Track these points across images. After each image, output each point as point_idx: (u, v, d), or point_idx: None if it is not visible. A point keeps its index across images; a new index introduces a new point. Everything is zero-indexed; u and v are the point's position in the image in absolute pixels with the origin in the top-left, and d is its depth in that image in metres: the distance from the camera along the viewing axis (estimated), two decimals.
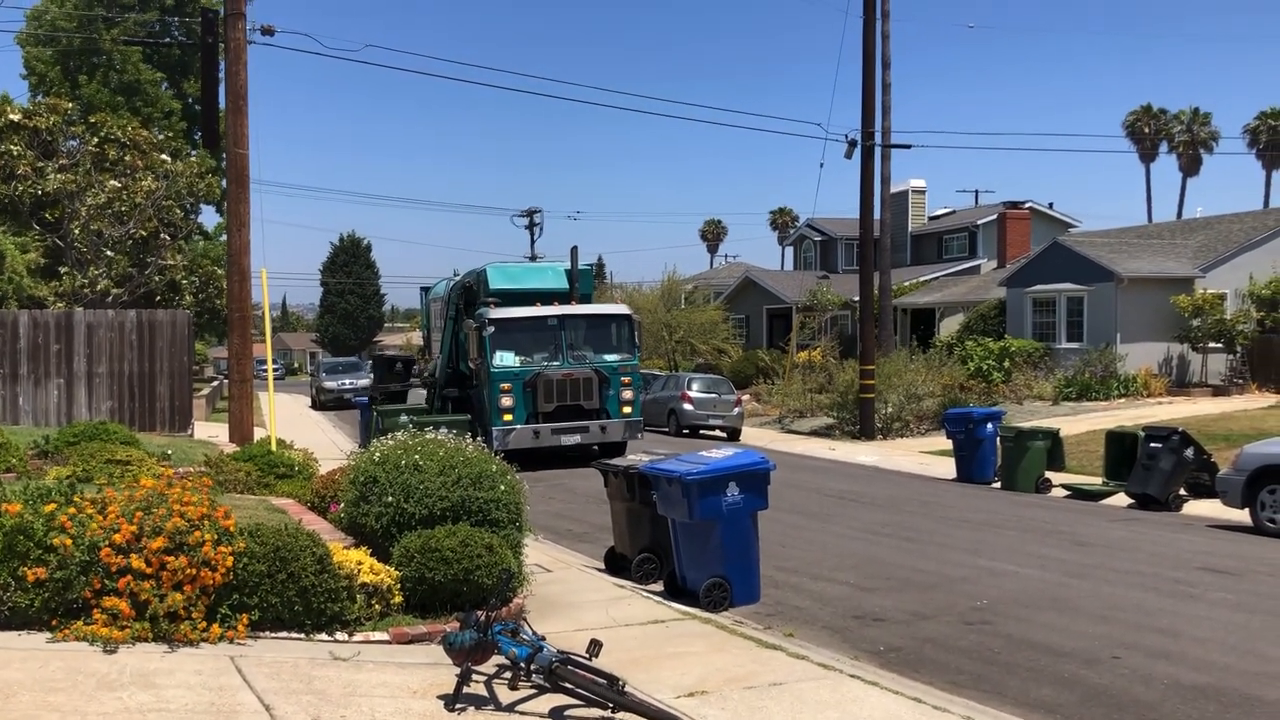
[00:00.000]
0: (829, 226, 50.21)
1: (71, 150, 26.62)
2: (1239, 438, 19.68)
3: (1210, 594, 10.19)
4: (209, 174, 30.51)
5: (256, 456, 13.36)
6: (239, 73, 17.13)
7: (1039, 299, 32.64)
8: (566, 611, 8.78)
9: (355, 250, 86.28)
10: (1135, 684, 7.42)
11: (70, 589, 6.43)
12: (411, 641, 7.23)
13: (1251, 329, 30.19)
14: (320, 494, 10.92)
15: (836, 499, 17.03)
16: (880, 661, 7.95)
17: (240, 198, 17.12)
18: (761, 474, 9.42)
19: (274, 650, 6.60)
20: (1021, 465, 18.08)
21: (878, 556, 12.04)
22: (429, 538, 7.85)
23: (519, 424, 20.05)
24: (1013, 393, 29.36)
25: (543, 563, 10.69)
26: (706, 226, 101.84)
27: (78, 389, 19.12)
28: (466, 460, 8.74)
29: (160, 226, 27.63)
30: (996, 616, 9.27)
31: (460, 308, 22.71)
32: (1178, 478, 16.17)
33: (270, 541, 6.95)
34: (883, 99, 30.80)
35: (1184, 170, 69.74)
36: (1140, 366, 30.00)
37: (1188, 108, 69.16)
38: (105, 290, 26.00)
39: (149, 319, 20.00)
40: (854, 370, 28.21)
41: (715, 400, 28.51)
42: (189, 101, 41.54)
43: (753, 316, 46.87)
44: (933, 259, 46.36)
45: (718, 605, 9.14)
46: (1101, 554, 12.26)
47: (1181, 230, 36.75)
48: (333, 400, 40.97)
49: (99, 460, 11.45)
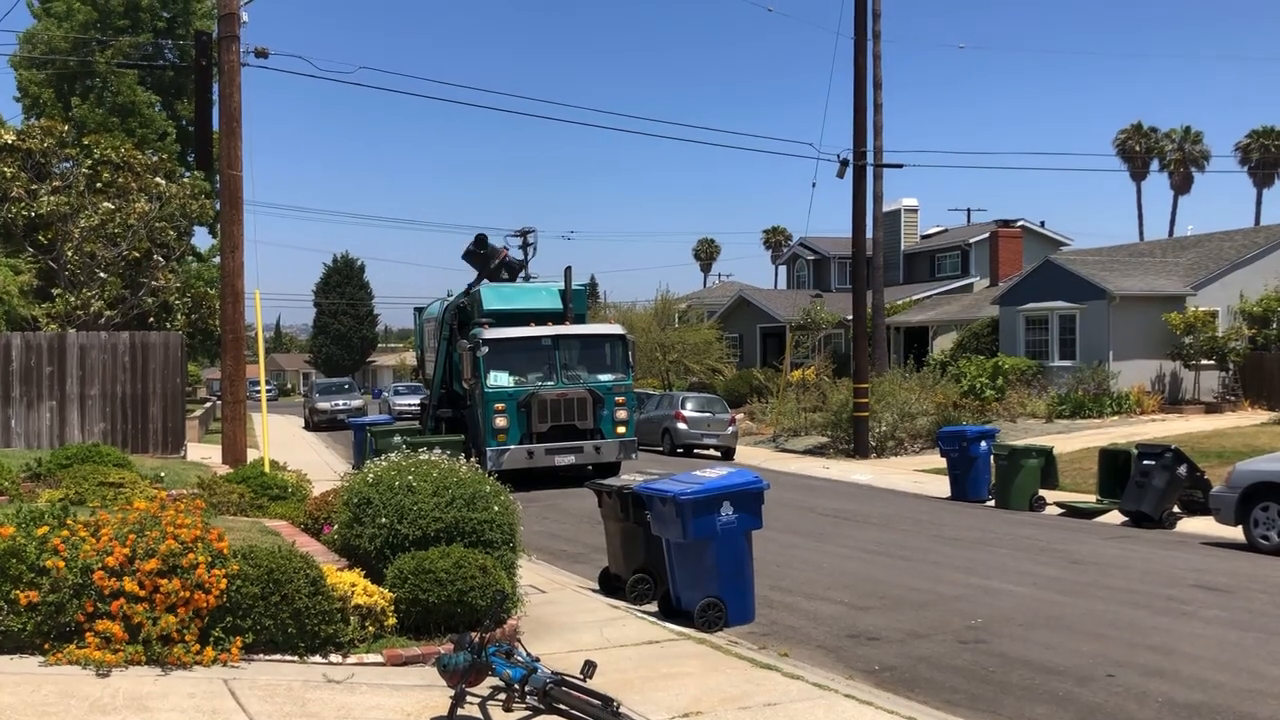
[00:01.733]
0: (822, 245, 50.36)
1: (65, 172, 26.65)
2: (1232, 455, 19.72)
3: (1204, 611, 10.20)
4: (202, 195, 30.54)
5: (250, 478, 13.33)
6: (233, 95, 17.16)
7: (1032, 317, 32.73)
8: (561, 632, 8.77)
9: (349, 271, 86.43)
10: (1129, 702, 7.43)
11: (63, 612, 6.42)
12: (405, 663, 7.21)
13: (1243, 346, 30.29)
14: (314, 515, 10.91)
15: (831, 518, 17.02)
16: (875, 681, 7.94)
17: (234, 219, 17.13)
18: (755, 493, 9.43)
19: (268, 673, 6.58)
20: (1015, 483, 18.10)
21: (872, 575, 12.03)
22: (423, 559, 7.84)
23: (513, 444, 20.07)
24: (1006, 411, 29.40)
25: (537, 584, 10.68)
26: (700, 245, 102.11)
27: (70, 411, 19.08)
28: (460, 481, 8.73)
29: (153, 248, 27.65)
30: (991, 635, 9.26)
31: (454, 328, 22.72)
32: (1171, 495, 16.19)
33: (264, 564, 6.94)
34: (874, 119, 30.99)
35: (1175, 188, 70.16)
36: (1133, 384, 30.07)
37: (1179, 126, 69.61)
38: (98, 312, 25.97)
39: (142, 341, 19.99)
40: (848, 389, 28.25)
41: (709, 419, 28.50)
42: (183, 123, 41.55)
43: (746, 335, 46.95)
44: (925, 277, 46.51)
45: (712, 625, 9.13)
46: (1095, 572, 12.26)
47: (1173, 248, 36.90)
48: (326, 421, 40.96)
49: (92, 483, 11.43)
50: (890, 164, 31.45)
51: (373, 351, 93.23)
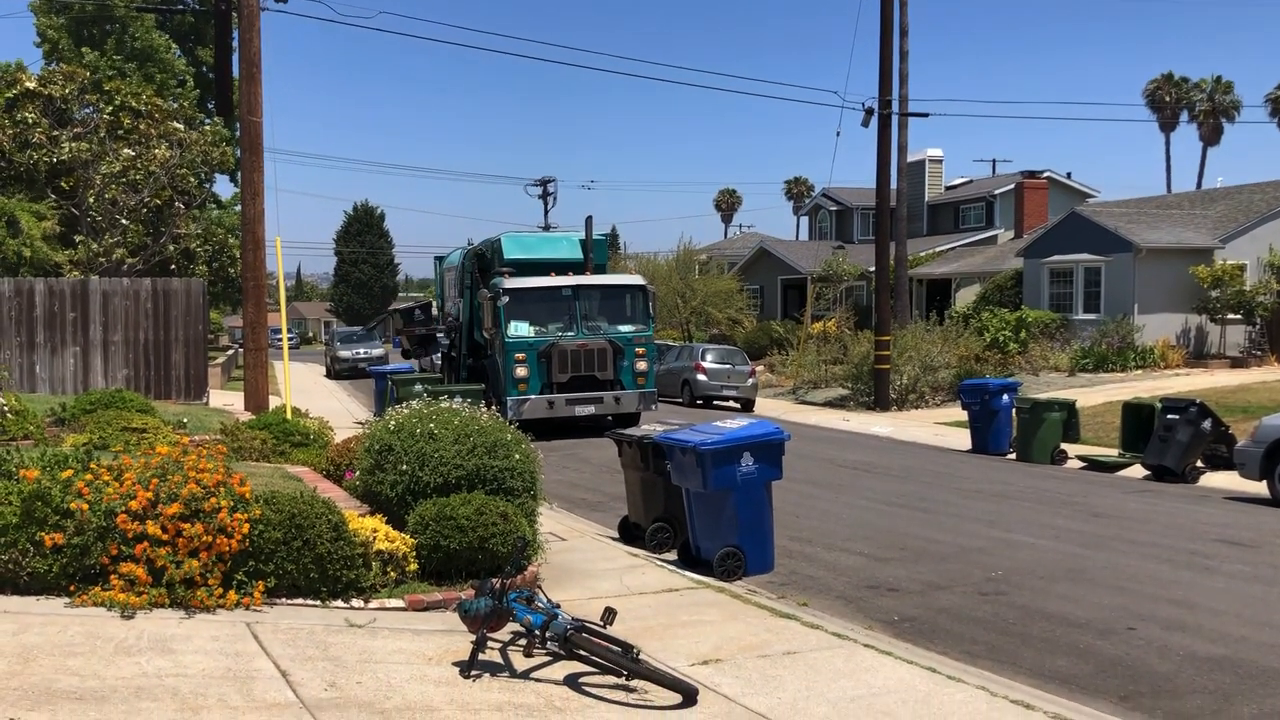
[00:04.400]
0: (845, 196, 49.90)
1: (86, 118, 26.61)
2: (1257, 410, 19.55)
3: (1227, 566, 10.15)
4: (223, 143, 30.49)
5: (272, 425, 13.40)
6: (252, 40, 17.04)
7: (1056, 269, 32.41)
8: (581, 580, 8.80)
9: (369, 219, 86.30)
10: (1151, 655, 7.40)
11: (87, 555, 6.47)
12: (427, 609, 7.25)
13: (1271, 300, 29.92)
14: (335, 462, 10.95)
15: (850, 469, 17.00)
16: (894, 631, 7.94)
17: (254, 166, 17.08)
18: (776, 444, 9.39)
19: (290, 617, 6.63)
20: (1037, 436, 18.01)
21: (892, 527, 12.02)
22: (444, 506, 7.86)
23: (533, 394, 20.07)
24: (1029, 364, 29.23)
25: (557, 531, 10.71)
26: (720, 196, 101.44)
27: (94, 357, 19.21)
28: (481, 429, 8.73)
29: (175, 195, 27.66)
30: (1011, 587, 9.24)
31: (476, 276, 22.64)
32: (1195, 449, 16.09)
33: (286, 509, 6.96)
34: (900, 67, 30.52)
35: (1205, 140, 68.99)
36: (1158, 338, 29.80)
37: (1209, 76, 68.34)
38: (120, 259, 26.06)
39: (164, 287, 20.05)
40: (869, 341, 28.11)
41: (729, 371, 28.45)
42: (202, 69, 41.44)
43: (767, 287, 46.72)
44: (949, 229, 46.04)
45: (731, 574, 9.14)
46: (1117, 525, 12.21)
47: (1201, 200, 36.38)
48: (347, 369, 41.11)
49: (115, 428, 11.51)
50: (916, 113, 30.99)
51: (393, 300, 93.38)
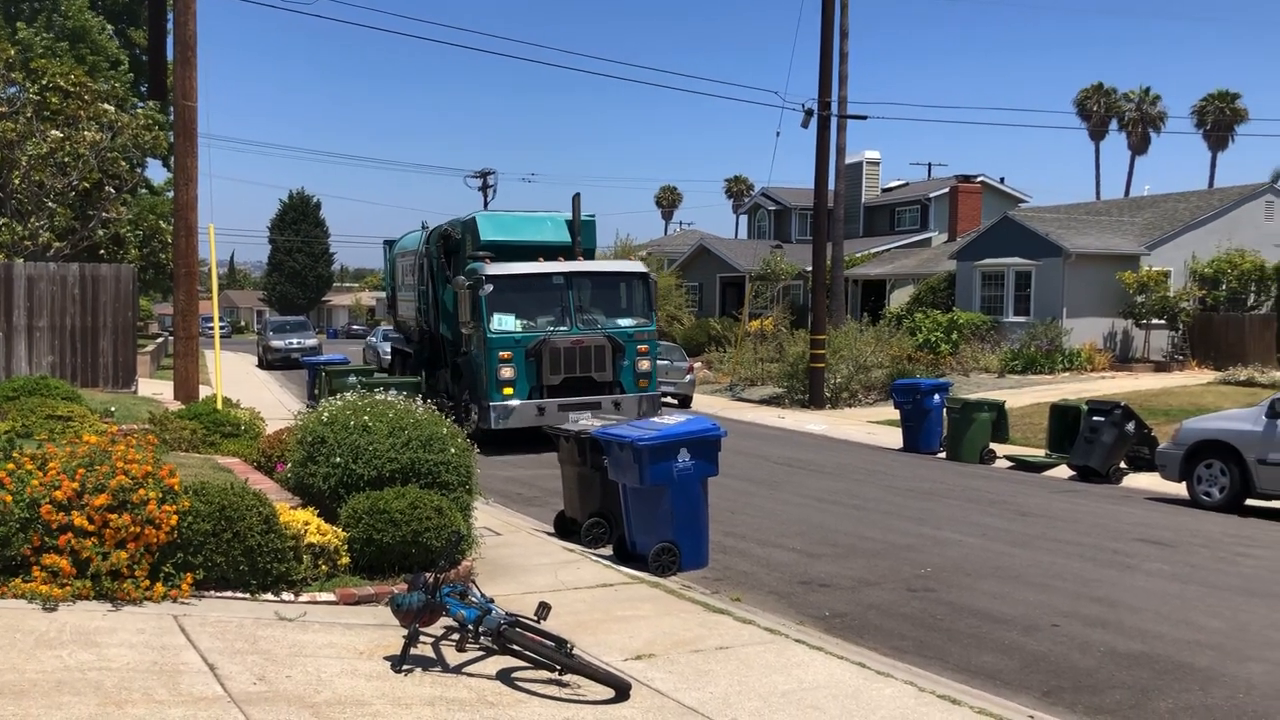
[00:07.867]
0: (784, 196, 50.28)
1: (12, 97, 25.88)
2: (1178, 413, 20.09)
3: (1147, 565, 10.42)
4: (156, 127, 29.84)
5: (202, 415, 13.18)
6: (188, 23, 16.70)
7: (988, 272, 32.99)
8: (515, 574, 8.79)
9: (304, 208, 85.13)
10: (1073, 651, 7.59)
11: (8, 546, 6.32)
12: (359, 603, 7.19)
13: (1193, 306, 30.76)
14: (267, 454, 10.82)
15: (785, 466, 17.16)
16: (825, 627, 8.04)
17: (188, 151, 16.75)
18: (712, 441, 9.46)
19: (219, 610, 6.54)
20: (967, 436, 18.33)
21: (825, 524, 12.17)
22: (377, 499, 7.80)
23: (520, 398, 17.56)
24: (960, 365, 29.71)
25: (492, 526, 10.68)
26: (662, 193, 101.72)
27: (17, 343, 18.72)
28: (417, 422, 8.67)
29: (105, 179, 27.01)
30: (940, 584, 9.41)
31: (443, 262, 19.88)
32: (1119, 451, 16.49)
33: (216, 500, 6.87)
34: (840, 69, 30.81)
35: (1133, 149, 70.76)
36: (1085, 341, 30.47)
37: (1138, 87, 70.15)
38: (47, 243, 25.40)
39: (92, 273, 19.60)
40: (805, 340, 28.37)
41: (667, 367, 28.51)
42: (136, 52, 40.53)
43: (706, 284, 46.91)
44: (885, 230, 46.62)
45: (666, 570, 9.19)
46: (1043, 524, 12.48)
47: (1129, 208, 37.26)
48: (280, 360, 40.59)
49: (39, 416, 11.26)
50: (855, 115, 31.36)
51: (328, 290, 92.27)
